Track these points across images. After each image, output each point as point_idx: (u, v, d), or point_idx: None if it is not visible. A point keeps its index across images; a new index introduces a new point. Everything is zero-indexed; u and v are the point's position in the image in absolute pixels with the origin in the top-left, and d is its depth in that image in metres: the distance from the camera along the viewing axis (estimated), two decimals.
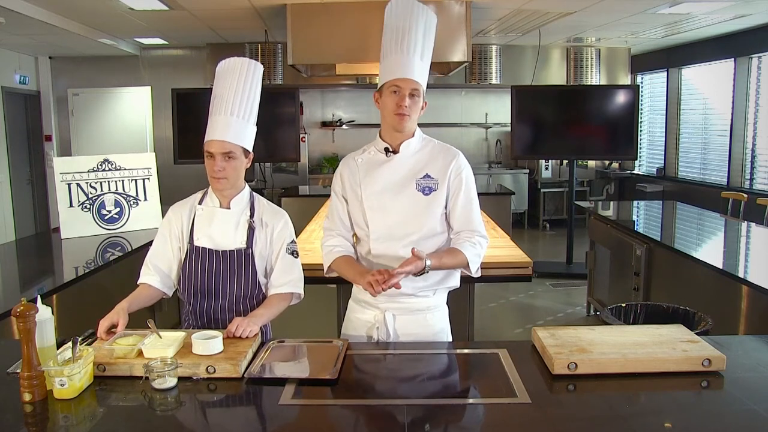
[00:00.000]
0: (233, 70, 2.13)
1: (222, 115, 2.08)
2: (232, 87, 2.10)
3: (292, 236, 2.23)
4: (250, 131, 2.16)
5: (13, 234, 8.01)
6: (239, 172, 2.13)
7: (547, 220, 9.57)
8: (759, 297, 2.81)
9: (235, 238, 2.15)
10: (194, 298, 2.16)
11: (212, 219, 2.15)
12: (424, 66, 2.07)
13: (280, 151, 6.58)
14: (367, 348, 2.07)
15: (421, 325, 2.14)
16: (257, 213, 2.18)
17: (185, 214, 2.19)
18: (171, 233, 2.19)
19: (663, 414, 1.55)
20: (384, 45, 2.09)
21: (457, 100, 9.70)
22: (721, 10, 6.26)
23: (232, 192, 2.16)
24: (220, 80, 2.15)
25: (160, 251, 2.19)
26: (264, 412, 1.64)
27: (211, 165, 2.08)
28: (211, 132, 2.08)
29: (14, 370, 1.74)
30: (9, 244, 4.89)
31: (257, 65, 2.17)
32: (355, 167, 2.14)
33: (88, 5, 5.95)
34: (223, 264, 2.13)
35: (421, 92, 2.04)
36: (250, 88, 2.14)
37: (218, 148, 2.06)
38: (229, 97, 2.10)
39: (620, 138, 6.69)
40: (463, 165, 2.12)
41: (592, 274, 5.33)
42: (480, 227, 2.12)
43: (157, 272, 2.17)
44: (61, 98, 9.11)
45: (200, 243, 2.14)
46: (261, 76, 2.19)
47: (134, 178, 4.25)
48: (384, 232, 2.07)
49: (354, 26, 5.87)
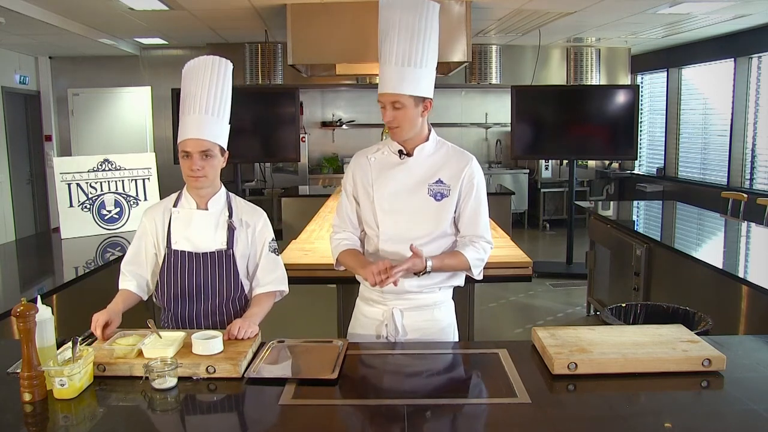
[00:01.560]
0: (203, 68, 2.08)
1: (196, 113, 2.04)
2: (204, 85, 2.06)
3: (271, 234, 2.22)
4: (225, 129, 2.12)
5: (13, 234, 8.01)
6: (217, 171, 2.11)
7: (547, 220, 9.57)
8: (759, 297, 2.81)
9: (216, 239, 2.12)
10: (174, 302, 2.13)
11: (190, 221, 2.12)
12: (412, 70, 1.98)
13: (280, 151, 6.57)
14: (368, 348, 2.07)
15: (428, 320, 2.15)
16: (236, 213, 2.16)
17: (159, 218, 2.15)
18: (146, 239, 2.16)
19: (663, 414, 1.55)
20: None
21: (457, 100, 9.70)
22: (721, 10, 6.26)
23: (209, 192, 2.13)
24: (189, 79, 2.10)
25: (134, 258, 2.16)
26: (264, 412, 1.64)
27: (189, 164, 2.05)
28: (185, 131, 2.05)
29: (14, 370, 1.74)
30: (9, 244, 4.89)
31: (227, 63, 2.13)
32: (368, 166, 2.14)
33: (88, 5, 5.95)
34: (204, 266, 2.11)
35: (406, 101, 1.98)
36: (222, 85, 2.10)
37: (196, 146, 2.03)
38: (202, 96, 2.05)
39: (620, 138, 6.69)
40: (476, 171, 2.12)
41: (592, 274, 5.33)
42: (486, 233, 2.13)
43: (133, 277, 2.15)
44: (61, 98, 9.11)
45: (178, 246, 2.11)
46: (231, 74, 2.14)
47: (134, 178, 4.25)
48: (393, 234, 2.08)
49: (354, 26, 5.87)
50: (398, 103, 1.99)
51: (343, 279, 2.91)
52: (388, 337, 2.14)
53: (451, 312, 2.23)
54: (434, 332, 2.15)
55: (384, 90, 2.01)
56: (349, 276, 2.27)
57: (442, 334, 2.16)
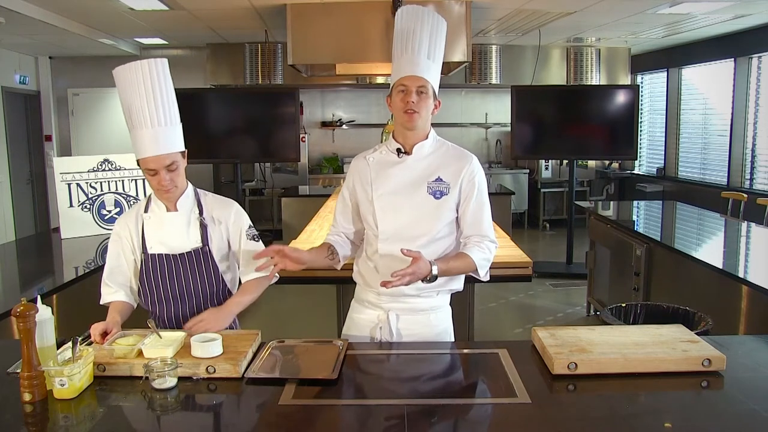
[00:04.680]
0: (139, 76, 2.01)
1: (147, 128, 2.00)
2: (145, 96, 2.00)
3: (247, 222, 2.21)
4: (179, 131, 2.09)
5: (13, 234, 8.01)
6: (183, 176, 2.12)
7: (547, 220, 9.57)
8: (759, 297, 2.81)
9: (189, 238, 2.13)
10: (158, 306, 2.14)
11: (162, 224, 2.12)
12: (433, 65, 2.07)
13: (280, 151, 6.56)
14: (367, 348, 2.07)
15: (424, 325, 2.14)
16: (206, 210, 2.16)
17: (132, 225, 2.15)
18: (123, 246, 2.16)
19: (663, 414, 1.55)
20: (393, 49, 2.11)
21: (457, 100, 9.70)
22: (721, 10, 6.26)
23: (177, 195, 2.13)
24: (126, 89, 2.03)
25: (116, 268, 2.16)
26: (264, 412, 1.64)
27: (157, 180, 2.03)
28: (143, 149, 2.00)
29: (14, 370, 1.74)
30: (9, 244, 4.89)
31: (161, 62, 2.06)
32: (366, 167, 2.15)
33: (88, 5, 5.95)
34: (182, 267, 2.12)
35: (429, 90, 2.04)
36: (166, 90, 2.05)
37: (159, 163, 2.00)
38: (149, 108, 2.00)
39: (620, 138, 6.69)
40: (476, 170, 2.12)
41: (592, 274, 5.33)
42: (489, 232, 2.13)
43: (120, 287, 2.15)
44: (61, 98, 9.10)
45: (154, 250, 2.12)
46: (168, 70, 2.08)
47: (134, 178, 4.25)
48: (393, 233, 2.08)
49: (354, 26, 5.87)
50: (423, 88, 2.03)
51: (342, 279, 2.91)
52: (382, 340, 2.13)
53: (448, 317, 2.22)
54: (429, 337, 2.14)
55: (413, 73, 2.03)
56: (349, 276, 2.27)
57: (436, 339, 2.15)
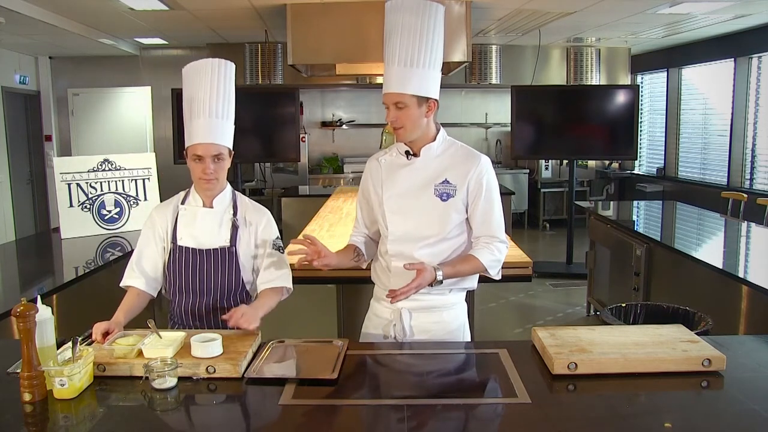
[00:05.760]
0: (207, 71, 2.12)
1: (205, 117, 2.09)
2: (208, 89, 2.10)
3: (276, 233, 2.26)
4: (231, 130, 2.17)
5: (13, 234, 8.01)
6: (226, 172, 2.17)
7: (547, 220, 9.56)
8: (759, 297, 2.81)
9: (219, 236, 2.17)
10: (179, 296, 2.19)
11: (195, 218, 2.17)
12: (415, 70, 1.98)
13: (280, 151, 6.57)
14: (368, 348, 2.07)
15: (437, 322, 2.14)
16: (240, 211, 2.21)
17: (169, 215, 2.21)
18: (155, 234, 2.20)
19: (663, 414, 1.55)
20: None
21: (457, 100, 9.69)
22: (721, 10, 6.26)
23: (216, 190, 2.18)
24: (192, 83, 2.14)
25: (145, 253, 2.20)
26: (264, 412, 1.64)
27: (201, 168, 2.09)
28: (196, 135, 2.09)
29: (14, 370, 1.74)
30: (9, 244, 4.89)
31: (229, 64, 2.17)
32: (378, 168, 2.17)
33: (88, 5, 5.95)
34: (207, 262, 2.15)
35: (408, 101, 1.98)
36: (228, 87, 2.15)
37: (207, 150, 2.08)
38: (210, 99, 2.10)
39: (620, 138, 6.69)
40: (485, 170, 2.10)
41: (592, 274, 5.33)
42: (499, 233, 2.13)
43: (142, 275, 2.17)
44: (61, 98, 9.11)
45: (183, 242, 2.16)
46: (234, 74, 2.20)
47: (134, 178, 4.25)
48: (401, 235, 2.09)
49: (354, 26, 5.87)
50: (401, 103, 1.99)
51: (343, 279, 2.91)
52: (396, 337, 2.14)
53: (462, 314, 2.22)
54: (443, 334, 2.14)
55: (387, 90, 2.02)
56: (349, 276, 2.28)
57: (450, 337, 2.16)
